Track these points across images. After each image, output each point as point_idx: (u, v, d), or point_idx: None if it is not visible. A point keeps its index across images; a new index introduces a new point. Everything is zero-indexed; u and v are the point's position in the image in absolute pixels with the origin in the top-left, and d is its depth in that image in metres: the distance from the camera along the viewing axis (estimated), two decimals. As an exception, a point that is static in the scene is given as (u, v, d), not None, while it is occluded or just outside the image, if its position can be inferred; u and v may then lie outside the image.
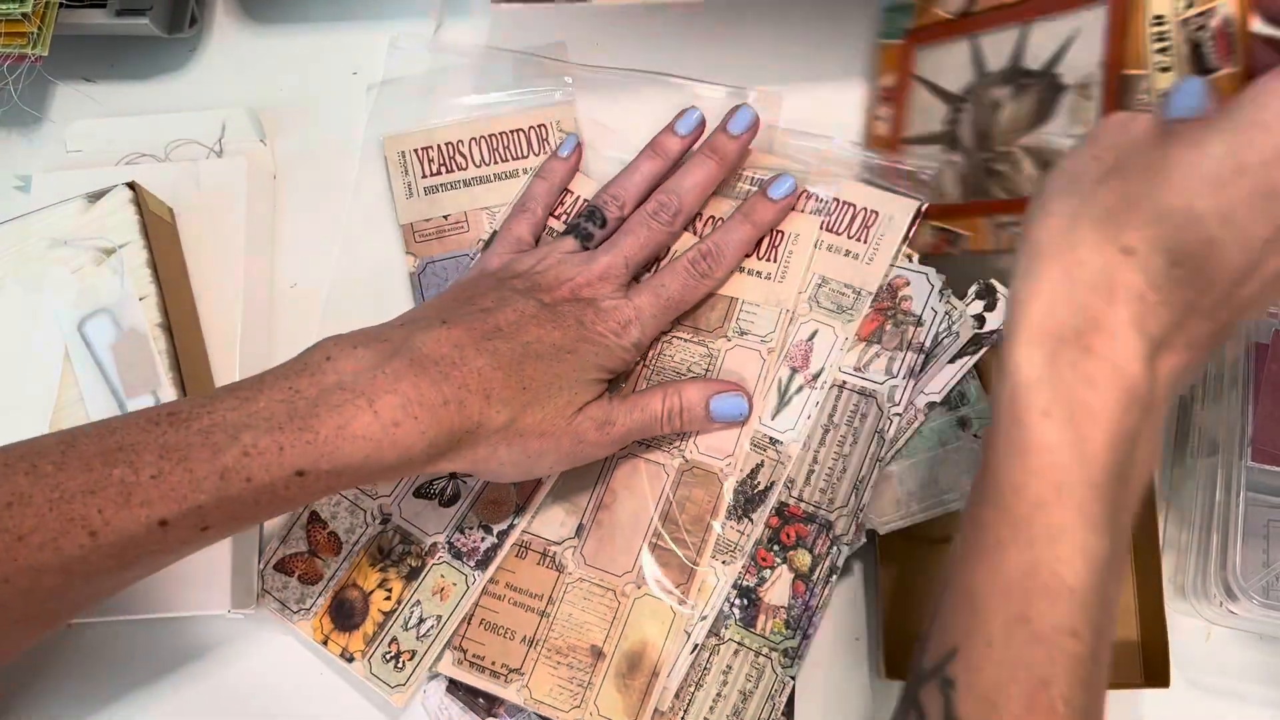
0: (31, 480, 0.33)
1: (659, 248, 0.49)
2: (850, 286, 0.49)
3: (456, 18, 0.57)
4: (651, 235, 0.48)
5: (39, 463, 0.33)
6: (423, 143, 0.53)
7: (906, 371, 0.47)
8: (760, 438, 0.48)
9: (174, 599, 0.47)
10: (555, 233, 0.51)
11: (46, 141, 0.56)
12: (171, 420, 0.35)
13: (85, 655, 0.49)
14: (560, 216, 0.52)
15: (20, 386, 0.48)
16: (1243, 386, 0.47)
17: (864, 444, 0.47)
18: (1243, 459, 0.46)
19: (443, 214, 0.53)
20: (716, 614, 0.46)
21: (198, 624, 0.50)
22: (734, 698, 0.46)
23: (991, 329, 0.47)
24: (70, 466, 0.33)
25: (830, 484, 0.47)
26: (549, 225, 0.52)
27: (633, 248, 0.47)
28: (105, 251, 0.49)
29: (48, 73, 0.55)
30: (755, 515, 0.47)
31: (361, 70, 0.56)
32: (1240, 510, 0.45)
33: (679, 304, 0.48)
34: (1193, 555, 0.47)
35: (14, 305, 0.48)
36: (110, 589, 0.35)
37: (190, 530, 0.35)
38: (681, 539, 0.47)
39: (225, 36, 0.58)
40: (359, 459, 0.37)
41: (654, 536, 0.47)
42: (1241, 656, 0.49)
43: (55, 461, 0.33)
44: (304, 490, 0.36)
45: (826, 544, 0.46)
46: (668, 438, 0.48)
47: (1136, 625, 0.48)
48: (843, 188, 0.50)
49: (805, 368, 0.48)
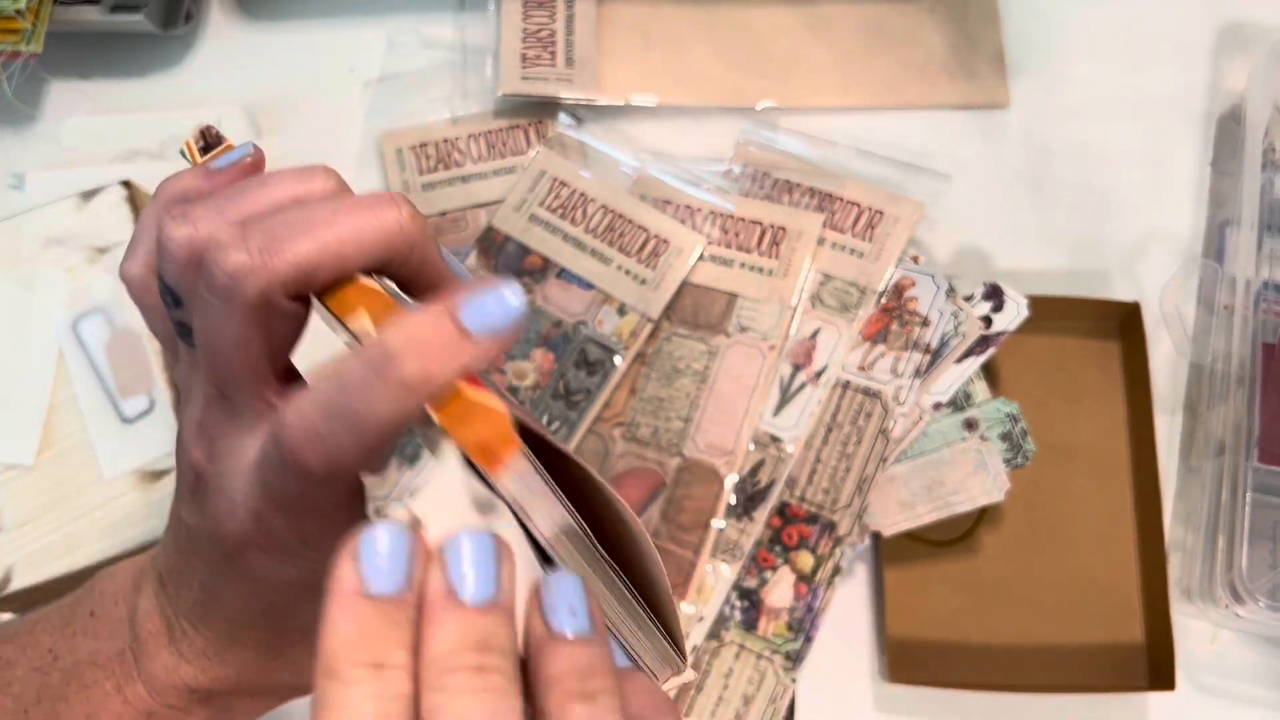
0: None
1: (241, 350, 0.26)
2: (855, 284, 0.48)
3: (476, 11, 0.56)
4: (215, 329, 0.25)
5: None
6: (420, 139, 0.53)
7: (912, 371, 0.47)
8: (761, 435, 0.47)
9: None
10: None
11: (40, 139, 0.56)
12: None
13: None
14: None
15: (13, 387, 0.47)
16: (1249, 387, 0.46)
17: (868, 444, 0.46)
18: (1249, 460, 0.45)
19: (440, 211, 0.52)
20: (717, 615, 0.46)
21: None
22: (735, 701, 0.45)
23: (999, 329, 0.46)
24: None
25: (833, 484, 0.46)
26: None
27: (207, 360, 0.26)
28: (99, 250, 0.48)
29: (42, 70, 0.55)
30: (756, 514, 0.46)
31: (358, 67, 0.56)
32: (1246, 512, 0.45)
33: None
34: (1199, 557, 0.46)
35: (7, 304, 0.48)
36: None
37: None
38: (681, 538, 0.47)
39: (220, 33, 0.57)
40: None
41: (653, 535, 0.47)
42: (1247, 659, 0.48)
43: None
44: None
45: (829, 545, 0.46)
46: (667, 435, 0.48)
47: (1142, 628, 0.48)
48: (848, 187, 0.49)
49: (808, 365, 0.48)
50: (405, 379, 0.23)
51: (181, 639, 0.30)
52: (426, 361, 0.23)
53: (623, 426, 0.48)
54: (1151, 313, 0.50)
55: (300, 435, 0.23)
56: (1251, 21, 0.57)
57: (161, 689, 0.30)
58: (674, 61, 0.55)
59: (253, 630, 0.29)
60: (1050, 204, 0.54)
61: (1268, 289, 0.49)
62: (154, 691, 0.30)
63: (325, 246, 0.24)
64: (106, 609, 0.32)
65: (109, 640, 0.31)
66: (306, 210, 0.25)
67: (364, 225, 0.25)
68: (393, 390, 0.23)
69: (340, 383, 0.23)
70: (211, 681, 0.30)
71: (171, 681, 0.30)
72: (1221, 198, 0.54)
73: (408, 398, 0.23)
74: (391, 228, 0.25)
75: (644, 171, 0.52)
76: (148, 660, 0.30)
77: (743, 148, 0.53)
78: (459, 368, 0.23)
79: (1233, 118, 0.55)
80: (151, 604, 0.31)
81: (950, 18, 0.56)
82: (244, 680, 0.30)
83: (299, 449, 0.23)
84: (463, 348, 0.23)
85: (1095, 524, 0.49)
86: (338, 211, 0.25)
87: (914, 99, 0.55)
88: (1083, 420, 0.51)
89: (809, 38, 0.56)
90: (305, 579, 0.28)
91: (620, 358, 0.49)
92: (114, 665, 0.31)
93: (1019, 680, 0.47)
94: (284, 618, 0.29)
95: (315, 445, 0.23)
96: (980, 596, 0.49)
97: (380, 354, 0.23)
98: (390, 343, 0.23)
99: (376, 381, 0.23)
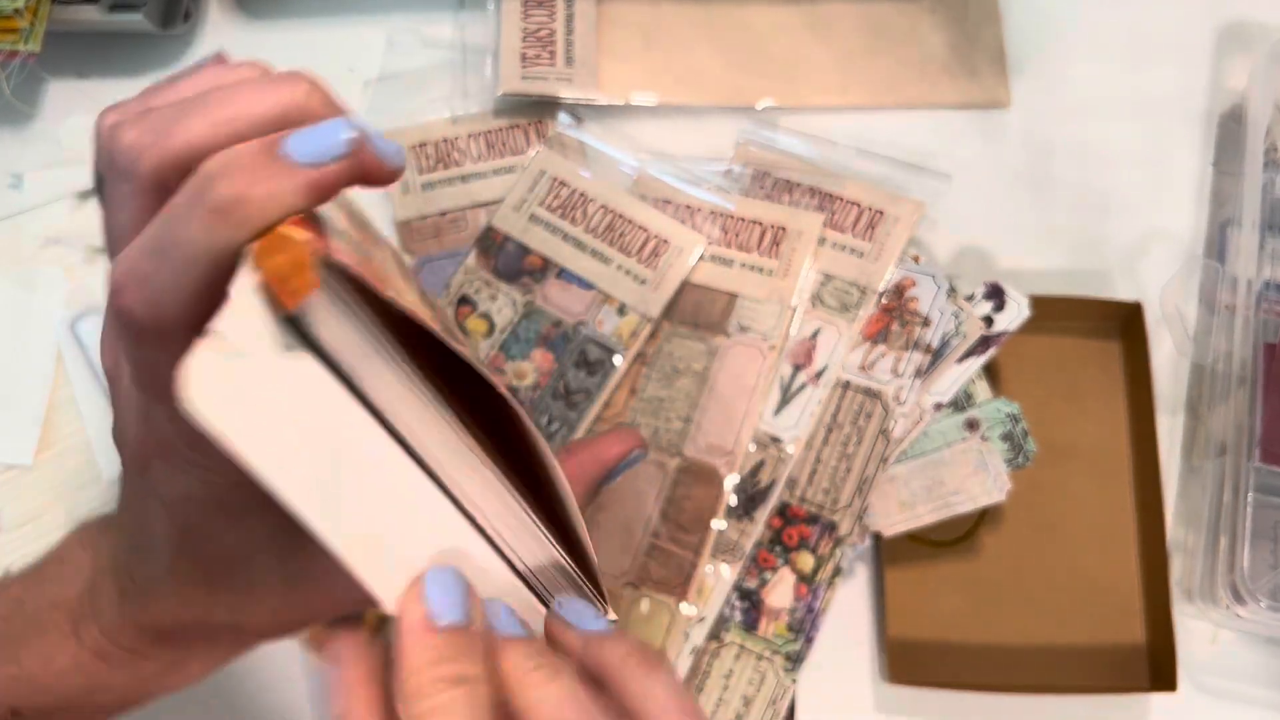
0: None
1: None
2: (855, 284, 0.48)
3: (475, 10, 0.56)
4: (113, 211, 0.25)
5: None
6: (419, 139, 0.53)
7: (913, 371, 0.47)
8: (762, 435, 0.47)
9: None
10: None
11: (39, 139, 0.56)
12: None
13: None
14: None
15: (12, 387, 0.47)
16: (1250, 387, 0.46)
17: (869, 444, 0.46)
18: (1250, 460, 0.45)
19: (439, 210, 0.52)
20: (717, 615, 0.46)
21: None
22: (735, 702, 0.45)
23: (1000, 329, 0.46)
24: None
25: (834, 484, 0.46)
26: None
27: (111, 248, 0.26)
28: (98, 250, 0.48)
29: (40, 69, 0.55)
30: (756, 514, 0.46)
31: (358, 66, 0.56)
32: (1248, 512, 0.45)
33: None
34: (1200, 558, 0.46)
35: (6, 304, 0.48)
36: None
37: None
38: (681, 538, 0.47)
39: (219, 32, 0.57)
40: (78, 695, 0.31)
41: (652, 536, 0.47)
42: (1249, 660, 0.48)
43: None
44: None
45: (830, 545, 0.46)
46: (667, 436, 0.48)
47: (1143, 629, 0.48)
48: (848, 187, 0.49)
49: (808, 365, 0.48)
50: (219, 201, 0.21)
51: (126, 574, 0.30)
52: (240, 182, 0.21)
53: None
54: (1153, 312, 0.50)
55: (122, 277, 0.22)
56: (1252, 21, 0.57)
57: (113, 629, 0.30)
58: (674, 61, 0.55)
59: (179, 558, 0.28)
60: (1051, 204, 0.54)
61: (1269, 289, 0.49)
62: (107, 632, 0.30)
63: (216, 124, 0.23)
64: (73, 554, 0.32)
65: (71, 584, 0.31)
66: (207, 93, 0.24)
67: (258, 101, 0.23)
68: (207, 215, 0.21)
69: (163, 218, 0.22)
70: (155, 618, 0.30)
71: (121, 619, 0.30)
72: (1223, 197, 0.54)
73: (222, 222, 0.21)
74: (287, 103, 0.24)
75: (644, 171, 0.52)
76: (102, 599, 0.30)
77: (743, 147, 0.53)
78: (280, 192, 0.21)
79: (1234, 117, 0.55)
80: (109, 543, 0.31)
81: (951, 17, 0.56)
82: (184, 616, 0.30)
83: (121, 293, 0.22)
84: (280, 170, 0.22)
85: (1096, 524, 0.49)
86: (235, 91, 0.24)
87: (914, 98, 0.55)
88: (1084, 420, 0.51)
89: (809, 37, 0.56)
90: (206, 494, 0.27)
91: (620, 358, 0.49)
92: (72, 607, 0.31)
93: (1020, 681, 0.47)
94: (201, 541, 0.28)
95: (137, 288, 0.22)
96: (981, 597, 0.48)
97: (199, 179, 0.22)
98: (208, 166, 0.22)
99: (195, 208, 0.21)
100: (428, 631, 0.23)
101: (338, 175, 0.22)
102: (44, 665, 0.30)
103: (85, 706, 0.31)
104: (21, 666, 0.30)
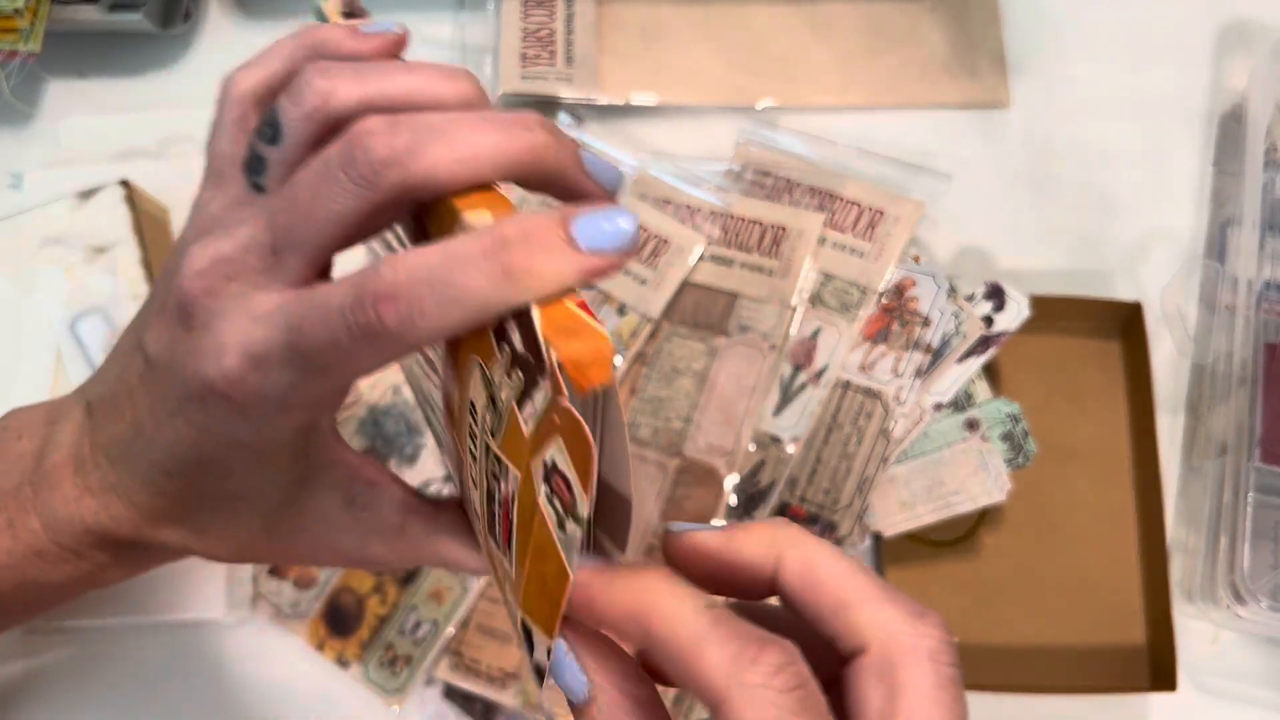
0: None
1: (339, 226, 0.25)
2: (855, 284, 0.48)
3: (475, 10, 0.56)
4: (327, 199, 0.24)
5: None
6: (420, 140, 0.53)
7: (913, 371, 0.47)
8: (762, 435, 0.47)
9: (168, 602, 0.46)
10: None
11: (38, 138, 0.56)
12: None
13: (77, 659, 0.49)
14: None
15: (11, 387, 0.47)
16: (1251, 387, 0.46)
17: (869, 444, 0.46)
18: (1251, 460, 0.45)
19: (440, 212, 0.52)
20: (718, 617, 0.46)
21: (192, 628, 0.49)
22: (736, 702, 0.45)
23: (1000, 329, 0.46)
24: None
25: (834, 484, 0.46)
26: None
27: (287, 215, 0.25)
28: (97, 250, 0.48)
29: (40, 69, 0.55)
30: (756, 514, 0.46)
31: (358, 66, 0.56)
32: (1248, 512, 0.45)
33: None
34: (1200, 558, 0.46)
35: (5, 304, 0.48)
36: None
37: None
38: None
39: (219, 32, 0.57)
40: (6, 589, 0.30)
41: (652, 537, 0.47)
42: (1249, 660, 0.48)
43: None
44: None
45: (830, 546, 0.46)
46: (667, 436, 0.48)
47: (1143, 629, 0.48)
48: (848, 187, 0.49)
49: (808, 365, 0.48)
50: (511, 265, 0.22)
51: (92, 471, 0.29)
52: (535, 254, 0.22)
53: (623, 427, 0.48)
54: (1153, 312, 0.50)
55: (386, 287, 0.23)
56: (1253, 20, 0.57)
57: (56, 523, 0.29)
58: (674, 60, 0.55)
59: (172, 480, 0.28)
60: (1051, 203, 0.54)
61: (1269, 289, 0.49)
62: (48, 527, 0.29)
63: (461, 159, 0.24)
64: (8, 444, 0.31)
65: (5, 476, 0.30)
66: (450, 117, 0.25)
67: (500, 144, 0.24)
68: (495, 272, 0.22)
69: (444, 253, 0.23)
70: (110, 521, 0.29)
71: (68, 516, 0.29)
72: (1223, 197, 0.54)
73: (508, 284, 0.22)
74: (523, 151, 0.25)
75: (644, 171, 0.52)
76: (48, 492, 0.29)
77: (743, 147, 0.53)
78: (564, 271, 0.22)
79: (1234, 117, 0.55)
80: (67, 435, 0.30)
81: (951, 17, 0.56)
82: (142, 529, 0.29)
83: (380, 300, 0.23)
84: (570, 254, 0.23)
85: (1096, 524, 0.49)
86: (477, 126, 0.25)
87: (914, 98, 0.55)
88: (1084, 420, 0.51)
89: (809, 37, 0.56)
90: (253, 442, 0.27)
91: (620, 358, 0.49)
92: (8, 500, 0.30)
93: (1020, 681, 0.47)
94: (211, 476, 0.28)
95: (396, 304, 0.23)
96: (981, 597, 0.48)
97: (493, 237, 0.23)
98: (504, 230, 0.23)
99: (482, 260, 0.22)
100: None
101: (616, 266, 0.23)
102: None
103: (12, 602, 0.31)
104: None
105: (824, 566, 0.23)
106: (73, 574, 0.30)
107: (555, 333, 0.21)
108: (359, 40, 0.28)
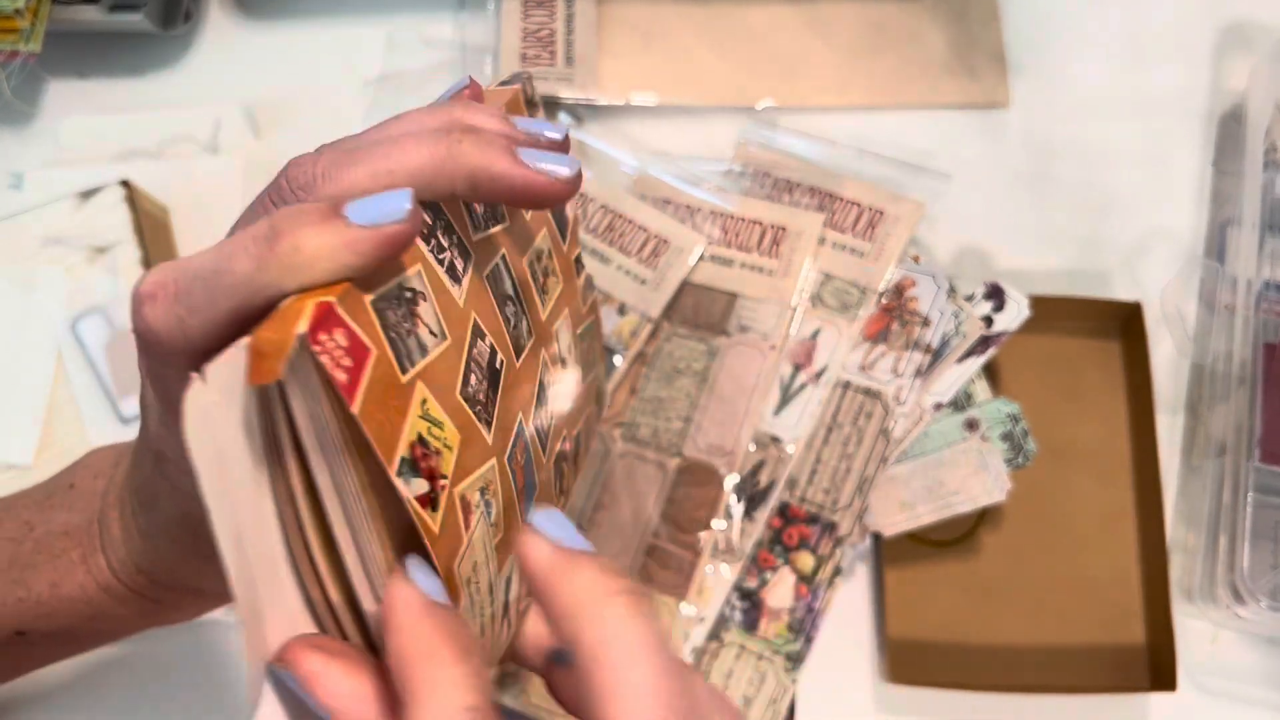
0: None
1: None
2: (855, 284, 0.48)
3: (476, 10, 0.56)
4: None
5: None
6: (420, 140, 0.53)
7: (913, 371, 0.47)
8: (762, 435, 0.47)
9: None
10: None
11: (39, 138, 0.56)
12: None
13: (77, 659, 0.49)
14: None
15: (12, 387, 0.47)
16: (1250, 387, 0.46)
17: (869, 444, 0.46)
18: (1250, 460, 0.45)
19: (440, 212, 0.52)
20: (717, 615, 0.46)
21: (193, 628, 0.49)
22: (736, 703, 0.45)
23: (1000, 329, 0.46)
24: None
25: (834, 484, 0.46)
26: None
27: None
28: (98, 250, 0.48)
29: (41, 69, 0.55)
30: (756, 514, 0.46)
31: (358, 66, 0.56)
32: (1248, 512, 0.45)
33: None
34: (1200, 557, 0.46)
35: (6, 304, 0.48)
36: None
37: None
38: (681, 538, 0.47)
39: (219, 32, 0.57)
40: (81, 621, 0.31)
41: (652, 536, 0.47)
42: (1248, 660, 0.48)
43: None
44: (29, 654, 0.32)
45: (830, 545, 0.46)
46: (667, 436, 0.48)
47: (1143, 628, 0.48)
48: (848, 187, 0.49)
49: (808, 365, 0.48)
50: (276, 243, 0.22)
51: (132, 516, 0.30)
52: (295, 228, 0.22)
53: (623, 427, 0.48)
54: (1153, 312, 0.50)
55: (152, 285, 0.23)
56: (1253, 21, 0.57)
57: (118, 562, 0.30)
58: (674, 60, 0.55)
59: (178, 529, 0.29)
60: (1051, 203, 0.54)
61: (1269, 289, 0.49)
62: (111, 564, 0.31)
63: (375, 175, 0.24)
64: (85, 482, 0.32)
65: (82, 512, 0.31)
66: (380, 138, 0.25)
67: (411, 159, 0.25)
68: (255, 252, 0.22)
69: (217, 246, 0.22)
70: (151, 565, 0.30)
71: (123, 557, 0.30)
72: (1223, 197, 0.54)
73: (273, 263, 0.22)
74: (427, 166, 0.25)
75: (644, 171, 0.52)
76: (108, 531, 0.31)
77: (743, 147, 0.53)
78: (331, 244, 0.22)
79: (1234, 117, 0.55)
80: (120, 477, 0.31)
81: (951, 17, 0.56)
82: (177, 573, 0.30)
83: (145, 297, 0.23)
84: (336, 225, 0.22)
85: (1096, 524, 0.49)
86: (397, 143, 0.25)
87: (914, 98, 0.55)
88: (1084, 420, 0.51)
89: (809, 37, 0.56)
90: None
91: (620, 358, 0.49)
92: (82, 535, 0.31)
93: (1020, 681, 0.47)
94: (199, 526, 0.27)
95: (161, 299, 0.22)
96: (981, 597, 0.48)
97: (264, 223, 0.22)
98: (277, 215, 0.22)
99: (252, 243, 0.22)
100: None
101: (393, 238, 0.22)
102: (51, 591, 0.31)
103: (87, 633, 0.32)
104: (29, 590, 0.31)
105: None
106: (140, 610, 0.32)
107: (275, 314, 0.21)
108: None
